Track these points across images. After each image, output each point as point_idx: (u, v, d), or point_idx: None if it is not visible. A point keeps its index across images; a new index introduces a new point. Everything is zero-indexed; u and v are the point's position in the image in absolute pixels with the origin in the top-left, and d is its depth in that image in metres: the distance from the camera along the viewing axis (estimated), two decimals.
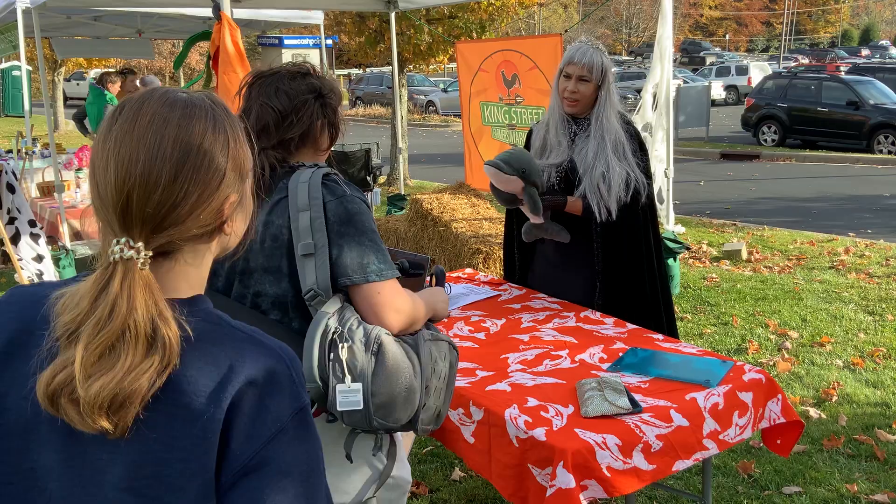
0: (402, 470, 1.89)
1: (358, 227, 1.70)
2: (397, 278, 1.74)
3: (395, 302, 1.71)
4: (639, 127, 6.83)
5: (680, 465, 2.06)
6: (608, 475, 1.93)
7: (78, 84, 29.15)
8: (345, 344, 1.61)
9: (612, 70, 2.97)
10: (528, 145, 3.17)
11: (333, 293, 1.69)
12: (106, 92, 8.73)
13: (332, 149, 1.97)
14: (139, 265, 0.92)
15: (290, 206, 1.71)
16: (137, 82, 9.15)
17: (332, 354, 1.61)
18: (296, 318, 1.74)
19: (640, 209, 2.99)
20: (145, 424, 0.90)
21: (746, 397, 2.25)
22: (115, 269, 0.91)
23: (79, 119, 9.24)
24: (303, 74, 1.83)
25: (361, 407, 1.61)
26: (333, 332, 1.62)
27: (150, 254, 0.93)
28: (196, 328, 0.94)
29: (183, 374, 0.91)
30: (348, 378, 1.61)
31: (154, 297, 0.92)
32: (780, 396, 2.34)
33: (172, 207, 0.93)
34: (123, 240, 0.92)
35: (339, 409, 1.62)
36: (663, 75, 6.77)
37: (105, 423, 0.88)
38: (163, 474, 0.90)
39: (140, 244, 0.92)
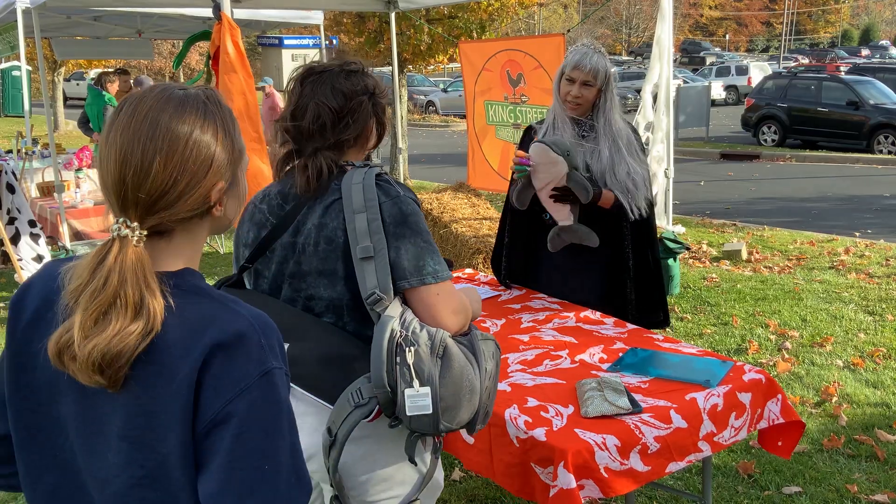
0: (439, 473, 1.88)
1: (413, 229, 1.68)
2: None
3: (452, 303, 1.68)
4: (641, 127, 6.88)
5: (673, 467, 2.07)
6: (605, 476, 1.93)
7: (78, 84, 29.11)
8: (411, 348, 1.59)
9: (613, 70, 2.98)
10: (525, 144, 3.16)
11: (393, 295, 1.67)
12: (104, 92, 8.72)
13: None
14: (134, 242, 1.04)
15: (345, 207, 1.68)
16: (131, 82, 9.16)
17: (398, 359, 1.59)
18: (350, 321, 1.71)
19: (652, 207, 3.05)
20: (134, 381, 1.03)
21: (745, 398, 2.25)
22: (113, 244, 1.04)
23: (83, 123, 9.24)
24: (356, 72, 1.79)
25: (431, 411, 1.60)
26: (399, 337, 1.60)
27: (145, 233, 1.06)
28: (180, 298, 1.06)
29: (164, 338, 1.03)
30: (416, 382, 1.59)
31: (144, 271, 1.03)
32: (779, 397, 2.34)
33: (163, 193, 1.05)
34: (121, 220, 1.05)
35: (408, 413, 1.60)
36: (663, 75, 6.76)
37: (99, 378, 1.01)
38: (150, 425, 1.03)
39: (135, 224, 1.05)
